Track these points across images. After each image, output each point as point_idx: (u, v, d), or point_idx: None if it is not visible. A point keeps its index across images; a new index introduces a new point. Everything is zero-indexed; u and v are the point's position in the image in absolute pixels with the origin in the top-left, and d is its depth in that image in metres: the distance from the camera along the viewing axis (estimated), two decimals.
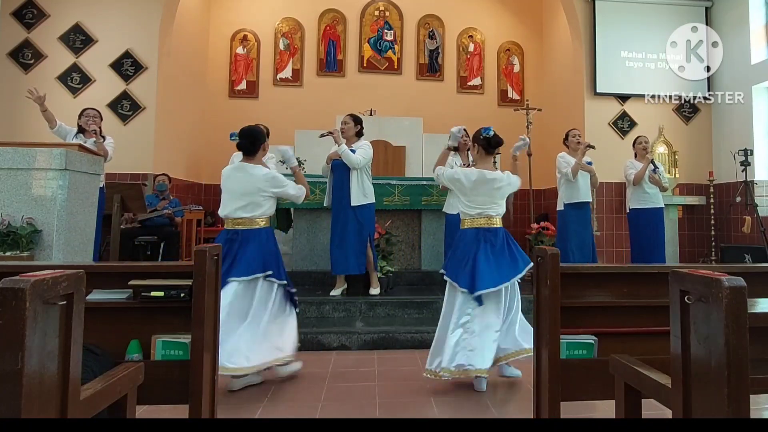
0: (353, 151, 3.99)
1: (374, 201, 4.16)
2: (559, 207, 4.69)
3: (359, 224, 4.05)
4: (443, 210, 4.43)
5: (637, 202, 4.82)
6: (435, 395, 2.74)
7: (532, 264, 2.44)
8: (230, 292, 2.72)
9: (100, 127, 4.35)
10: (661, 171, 4.82)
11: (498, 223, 2.95)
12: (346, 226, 4.03)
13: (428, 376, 2.80)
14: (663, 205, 4.86)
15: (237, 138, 2.95)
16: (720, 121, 6.42)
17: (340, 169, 4.04)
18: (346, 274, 4.20)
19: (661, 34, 6.36)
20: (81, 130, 4.30)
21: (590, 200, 4.65)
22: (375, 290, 4.24)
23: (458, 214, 3.13)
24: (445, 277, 2.92)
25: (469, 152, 4.28)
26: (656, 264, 4.07)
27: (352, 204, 4.02)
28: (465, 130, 4.41)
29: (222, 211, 2.92)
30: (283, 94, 7.76)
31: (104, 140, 4.25)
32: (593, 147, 4.59)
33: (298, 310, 3.03)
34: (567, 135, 4.69)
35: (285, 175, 3.11)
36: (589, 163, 4.63)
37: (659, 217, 4.81)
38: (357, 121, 4.11)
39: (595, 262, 4.61)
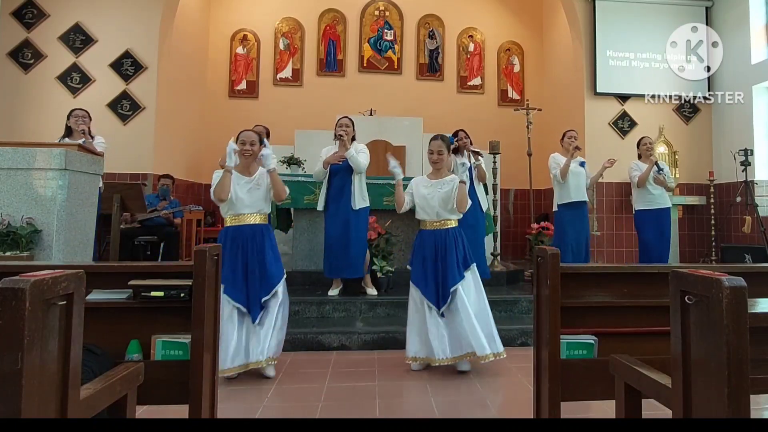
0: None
1: (369, 204, 4.18)
2: (554, 208, 4.70)
3: (361, 227, 4.07)
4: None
5: (642, 204, 4.81)
6: (435, 396, 2.74)
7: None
8: None
9: (89, 127, 4.33)
10: (666, 171, 4.82)
11: None
12: (348, 229, 4.01)
13: None
14: (670, 205, 4.84)
15: None
16: (720, 121, 6.42)
17: (341, 174, 4.02)
18: (348, 278, 4.19)
19: (661, 34, 6.36)
20: (69, 131, 4.27)
21: (585, 200, 4.63)
22: (372, 290, 4.24)
23: None
24: None
25: (469, 152, 4.31)
26: (656, 264, 4.07)
27: (356, 207, 4.01)
28: (464, 131, 4.45)
29: None
30: (283, 94, 7.77)
31: (93, 140, 4.20)
32: (579, 149, 4.59)
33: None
34: (564, 135, 4.70)
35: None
36: (582, 164, 4.62)
37: (666, 218, 4.79)
38: (354, 124, 4.11)
39: (587, 262, 4.60)
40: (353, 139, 4.03)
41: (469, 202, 3.21)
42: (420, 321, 3.12)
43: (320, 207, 4.15)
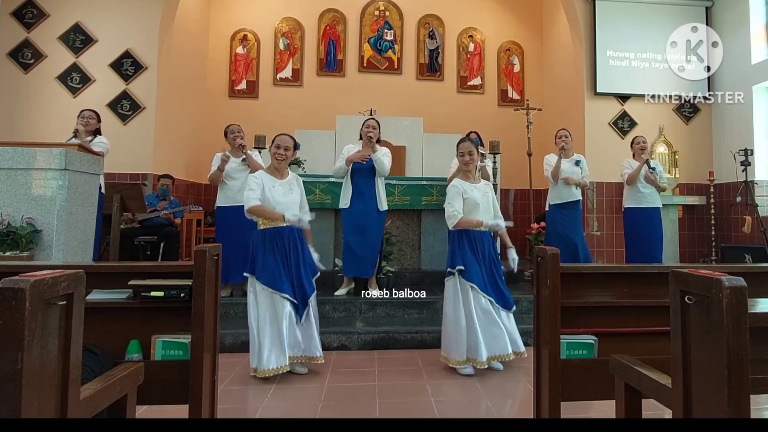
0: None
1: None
2: (546, 207, 4.71)
3: (381, 228, 4.14)
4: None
5: (631, 201, 4.82)
6: (435, 395, 2.74)
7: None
8: None
9: (98, 129, 4.32)
10: (659, 171, 4.82)
11: None
12: (370, 230, 4.06)
13: None
14: (660, 206, 4.84)
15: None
16: (720, 121, 6.42)
17: (364, 174, 4.05)
18: (365, 277, 4.21)
19: (661, 34, 6.36)
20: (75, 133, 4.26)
21: (578, 199, 4.62)
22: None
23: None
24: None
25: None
26: (656, 264, 4.07)
27: (381, 209, 4.09)
28: (476, 133, 4.47)
29: None
30: (283, 94, 7.76)
31: (92, 139, 4.17)
32: (564, 149, 4.58)
33: None
34: (556, 135, 4.70)
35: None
36: (578, 162, 4.61)
37: (655, 217, 4.79)
38: (380, 126, 4.16)
39: (587, 261, 4.59)
40: (378, 141, 4.07)
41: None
42: (485, 322, 3.07)
43: (344, 205, 4.16)
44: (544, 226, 5.44)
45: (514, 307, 3.21)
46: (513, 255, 3.24)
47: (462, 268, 3.08)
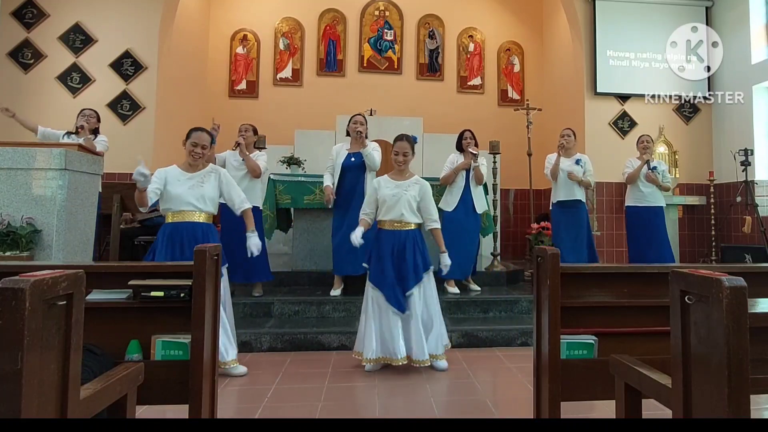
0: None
1: None
2: (550, 206, 4.73)
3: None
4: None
5: (632, 200, 4.86)
6: (435, 396, 2.74)
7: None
8: None
9: (97, 127, 4.33)
10: (662, 170, 4.83)
11: None
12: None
13: None
14: (662, 204, 4.85)
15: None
16: (720, 121, 6.42)
17: (353, 172, 4.04)
18: (357, 275, 4.20)
19: (661, 34, 6.36)
20: (77, 130, 4.29)
21: (578, 198, 4.62)
22: None
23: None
24: None
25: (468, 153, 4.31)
26: (656, 264, 4.07)
27: None
28: (470, 131, 4.46)
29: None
30: (283, 94, 7.76)
31: (95, 137, 4.21)
32: (563, 146, 4.58)
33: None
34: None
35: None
36: (578, 161, 4.61)
37: (657, 216, 4.80)
38: (367, 122, 4.14)
39: (594, 261, 4.59)
40: (366, 137, 4.07)
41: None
42: (380, 322, 3.06)
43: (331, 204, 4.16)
44: (545, 226, 5.45)
45: (424, 276, 3.13)
46: (445, 261, 3.18)
47: (366, 265, 3.17)
